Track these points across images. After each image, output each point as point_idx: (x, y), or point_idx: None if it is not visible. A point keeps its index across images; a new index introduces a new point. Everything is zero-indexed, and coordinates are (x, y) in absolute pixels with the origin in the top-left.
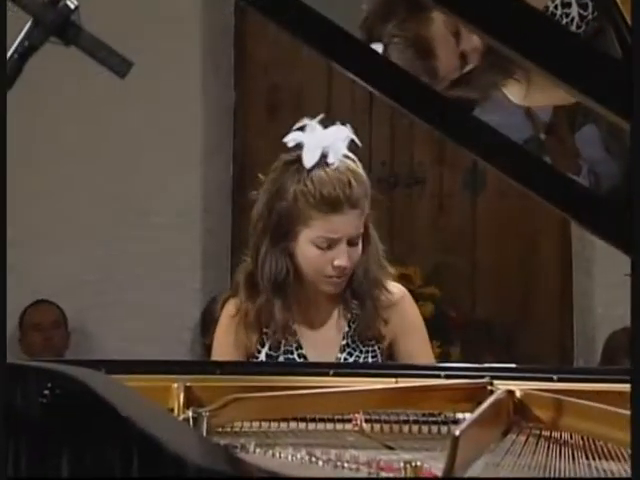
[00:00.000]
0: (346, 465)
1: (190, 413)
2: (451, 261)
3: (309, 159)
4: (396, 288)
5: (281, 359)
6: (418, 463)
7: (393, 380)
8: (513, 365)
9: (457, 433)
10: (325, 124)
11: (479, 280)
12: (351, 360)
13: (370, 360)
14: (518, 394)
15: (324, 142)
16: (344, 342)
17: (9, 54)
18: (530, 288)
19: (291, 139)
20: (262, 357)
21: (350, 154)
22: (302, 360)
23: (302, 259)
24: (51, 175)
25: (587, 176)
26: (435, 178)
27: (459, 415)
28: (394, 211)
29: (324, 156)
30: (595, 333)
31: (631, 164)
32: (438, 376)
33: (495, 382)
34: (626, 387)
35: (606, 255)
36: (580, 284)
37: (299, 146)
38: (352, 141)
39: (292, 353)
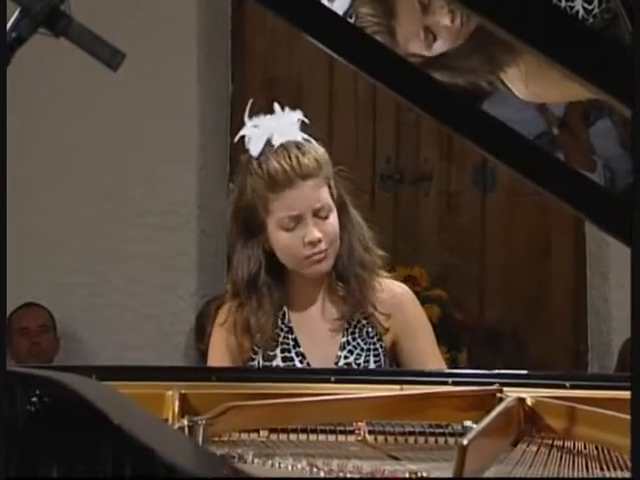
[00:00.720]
0: (349, 475)
1: (185, 422)
2: (459, 262)
3: (254, 148)
4: (399, 287)
5: (279, 358)
6: (424, 473)
7: (398, 387)
8: (524, 371)
9: (465, 442)
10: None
11: (488, 282)
12: (351, 358)
13: (372, 359)
14: (529, 402)
15: (268, 129)
16: (344, 339)
17: None
18: (542, 290)
19: (245, 137)
20: (259, 358)
21: (306, 136)
22: (300, 358)
23: (277, 249)
24: (39, 171)
25: (602, 173)
26: (442, 175)
27: (467, 423)
28: (399, 210)
29: (269, 141)
30: (611, 337)
31: (633, 162)
32: (445, 383)
33: (505, 389)
34: None
35: (622, 255)
36: (595, 286)
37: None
38: (303, 123)
39: (289, 351)
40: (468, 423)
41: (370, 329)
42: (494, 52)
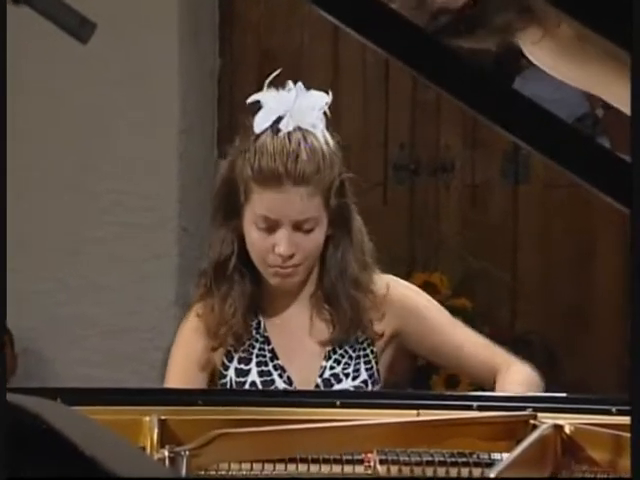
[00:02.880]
0: None
1: (166, 452)
2: (486, 266)
3: (260, 123)
4: (388, 279)
5: (254, 373)
6: None
7: (414, 412)
8: (562, 394)
9: (492, 475)
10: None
11: (521, 290)
12: (339, 368)
13: (362, 366)
14: (568, 429)
15: (284, 106)
16: (328, 348)
17: None
18: (583, 299)
19: (260, 103)
20: (231, 373)
21: (322, 126)
22: (279, 372)
23: (247, 243)
24: None
25: None
26: (466, 165)
27: (495, 455)
28: (415, 205)
29: (278, 120)
30: None
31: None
32: (470, 407)
33: (539, 415)
34: None
35: None
36: None
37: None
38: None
39: (266, 365)
40: (496, 455)
41: (359, 333)
42: (531, 4)
